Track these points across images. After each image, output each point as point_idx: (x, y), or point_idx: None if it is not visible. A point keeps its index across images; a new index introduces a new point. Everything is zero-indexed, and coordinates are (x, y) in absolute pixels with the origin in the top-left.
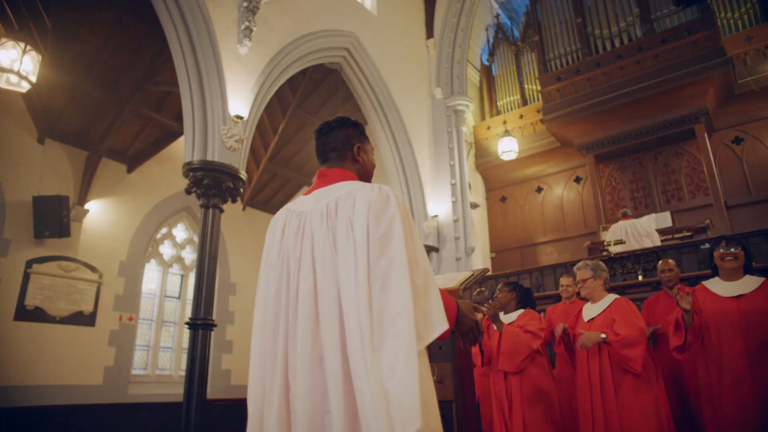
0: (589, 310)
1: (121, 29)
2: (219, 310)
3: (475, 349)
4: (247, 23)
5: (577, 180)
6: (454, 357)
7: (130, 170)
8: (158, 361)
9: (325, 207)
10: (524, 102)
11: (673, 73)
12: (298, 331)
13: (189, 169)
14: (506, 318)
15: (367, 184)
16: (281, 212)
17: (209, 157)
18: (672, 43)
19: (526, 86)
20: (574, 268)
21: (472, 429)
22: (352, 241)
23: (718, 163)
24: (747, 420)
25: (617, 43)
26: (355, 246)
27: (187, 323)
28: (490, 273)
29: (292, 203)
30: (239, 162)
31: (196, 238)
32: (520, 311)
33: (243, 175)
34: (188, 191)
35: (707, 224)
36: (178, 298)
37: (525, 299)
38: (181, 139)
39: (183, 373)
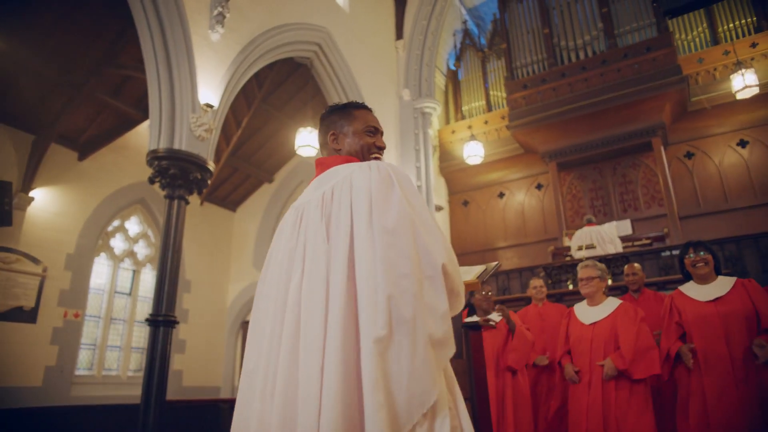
0: (588, 313)
1: (79, 4)
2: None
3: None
4: (220, 9)
5: (539, 187)
6: (469, 353)
7: (81, 158)
8: (105, 360)
9: (321, 196)
10: (489, 108)
11: (634, 87)
12: (283, 329)
13: (154, 157)
14: (495, 317)
15: (363, 164)
16: (291, 208)
17: (176, 146)
18: (633, 59)
19: (491, 92)
20: (580, 266)
21: (486, 427)
22: (346, 230)
23: (672, 176)
24: (734, 424)
25: (582, 56)
26: (351, 235)
27: (147, 320)
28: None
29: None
30: (208, 152)
31: (150, 233)
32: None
33: (211, 166)
34: (152, 180)
35: (666, 233)
36: (129, 294)
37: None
38: (140, 127)
39: (132, 374)
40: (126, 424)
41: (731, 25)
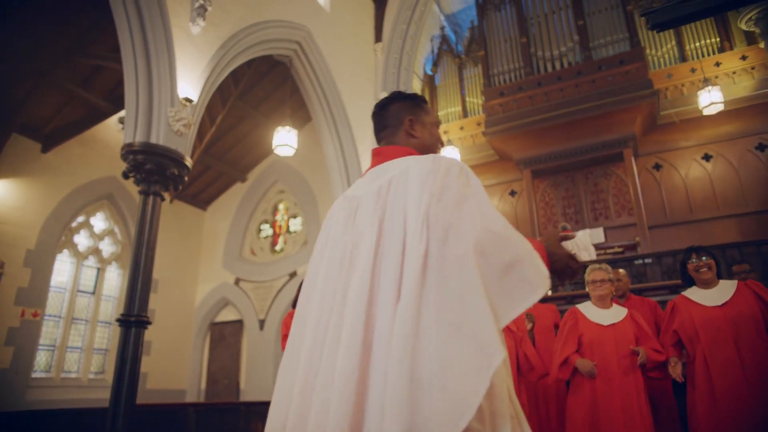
0: (602, 315)
1: None
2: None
3: None
4: (201, 1)
5: (512, 193)
6: None
7: (45, 150)
8: (65, 363)
9: (377, 189)
10: (465, 114)
11: (608, 99)
12: (343, 323)
13: (129, 151)
14: None
15: (420, 157)
16: (338, 198)
17: (153, 140)
18: (607, 71)
19: (467, 99)
20: (591, 268)
21: None
22: (400, 232)
23: (641, 186)
24: (747, 428)
25: (558, 66)
26: (404, 238)
27: (118, 320)
28: None
29: (353, 186)
30: (186, 148)
31: (117, 229)
32: None
33: (189, 162)
34: (126, 175)
35: (637, 241)
36: (93, 293)
37: None
38: (109, 120)
39: (93, 376)
40: (90, 430)
41: (697, 44)
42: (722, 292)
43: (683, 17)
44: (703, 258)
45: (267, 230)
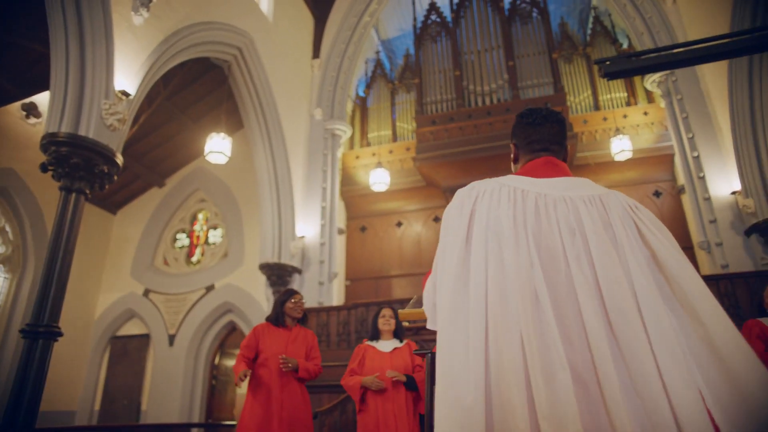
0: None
1: None
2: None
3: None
4: None
5: (436, 219)
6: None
7: None
8: None
9: (588, 197)
10: (395, 138)
11: None
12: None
13: (51, 141)
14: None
15: (616, 192)
16: (491, 183)
17: (82, 132)
18: None
19: (398, 124)
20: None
21: None
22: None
23: None
24: None
25: (488, 101)
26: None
27: (23, 330)
28: (341, 304)
29: (512, 180)
30: (118, 144)
31: (8, 228)
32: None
33: (120, 159)
34: (44, 168)
35: None
36: None
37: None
38: (11, 106)
39: None
40: None
41: (609, 96)
42: None
43: (632, 70)
44: None
45: (183, 240)
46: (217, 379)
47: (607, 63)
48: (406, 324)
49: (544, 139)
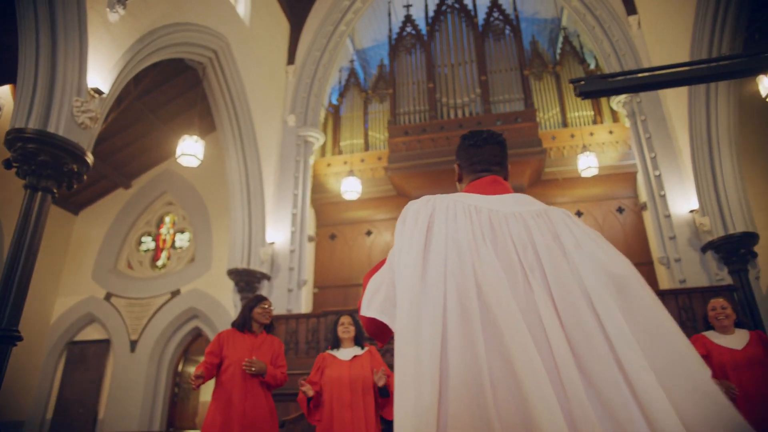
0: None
1: None
2: None
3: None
4: None
5: None
6: None
7: None
8: None
9: (535, 212)
10: (367, 147)
11: None
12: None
13: (17, 137)
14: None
15: (554, 208)
16: (445, 200)
17: (51, 129)
18: (504, 126)
19: (370, 133)
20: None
21: None
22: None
23: None
24: None
25: (461, 114)
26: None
27: None
28: (309, 311)
29: (464, 197)
30: (89, 143)
31: None
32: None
33: (90, 158)
34: (8, 164)
35: None
36: None
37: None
38: None
39: None
40: None
41: (576, 113)
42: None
43: (605, 90)
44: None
45: (149, 243)
46: (180, 386)
47: (582, 83)
48: None
49: (485, 160)
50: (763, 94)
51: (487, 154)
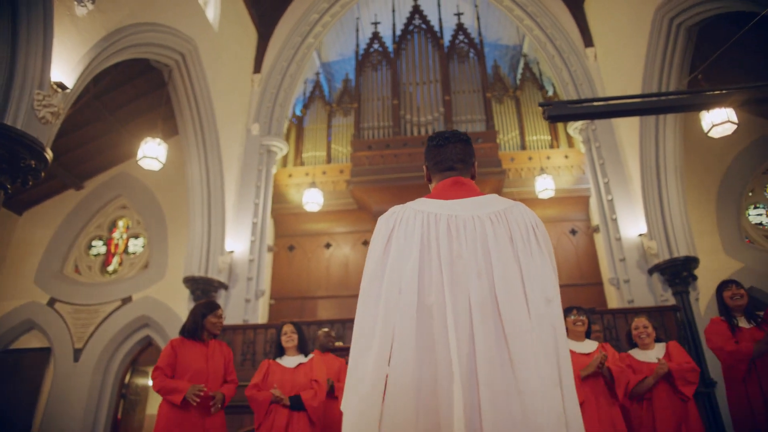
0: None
1: None
2: None
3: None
4: None
5: (365, 243)
6: None
7: None
8: None
9: (493, 215)
10: (329, 160)
11: None
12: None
13: None
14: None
15: (518, 204)
16: (407, 211)
17: (9, 122)
18: None
19: (333, 146)
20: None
21: None
22: (538, 256)
23: None
24: None
25: (424, 132)
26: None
27: None
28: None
29: (426, 204)
30: (48, 139)
31: None
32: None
33: (49, 155)
34: None
35: None
36: None
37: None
38: None
39: None
40: None
41: (535, 137)
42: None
43: (570, 116)
44: (581, 316)
45: (100, 248)
46: (127, 398)
47: (550, 107)
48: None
49: (448, 158)
50: (705, 129)
51: (450, 152)
